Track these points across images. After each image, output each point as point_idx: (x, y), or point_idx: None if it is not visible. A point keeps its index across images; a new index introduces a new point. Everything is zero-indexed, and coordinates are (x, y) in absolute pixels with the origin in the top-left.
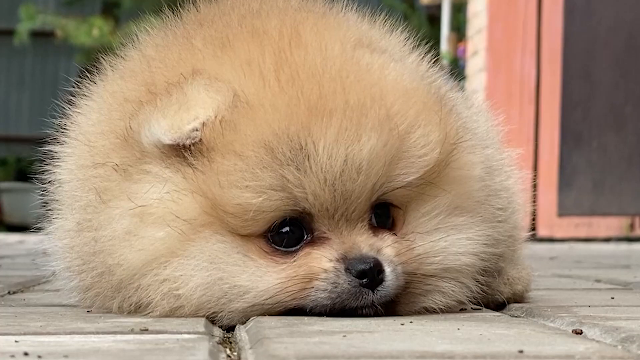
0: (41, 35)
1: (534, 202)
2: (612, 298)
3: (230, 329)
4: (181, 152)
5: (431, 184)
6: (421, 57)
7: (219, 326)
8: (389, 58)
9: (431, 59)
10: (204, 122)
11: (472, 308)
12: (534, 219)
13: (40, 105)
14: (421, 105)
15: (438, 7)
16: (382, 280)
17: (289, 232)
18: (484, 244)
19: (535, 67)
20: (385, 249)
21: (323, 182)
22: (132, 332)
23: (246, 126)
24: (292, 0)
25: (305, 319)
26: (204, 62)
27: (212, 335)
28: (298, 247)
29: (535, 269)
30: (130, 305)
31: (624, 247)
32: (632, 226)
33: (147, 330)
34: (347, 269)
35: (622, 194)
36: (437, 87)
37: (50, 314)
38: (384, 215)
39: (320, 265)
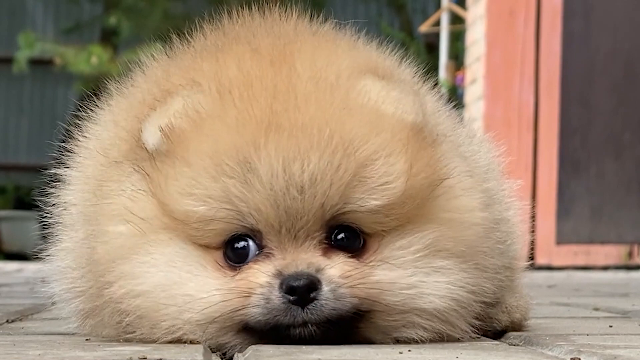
0: (40, 63)
1: (533, 230)
2: (611, 326)
3: (229, 357)
4: (148, 155)
5: (411, 218)
6: (431, 88)
7: (217, 354)
8: (388, 87)
9: (437, 91)
10: (162, 129)
11: (470, 336)
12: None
13: (39, 133)
14: (389, 134)
15: (436, 35)
16: (313, 299)
17: (241, 248)
18: (470, 292)
19: (533, 94)
20: (330, 269)
21: (266, 198)
22: None
23: (194, 136)
24: (310, 26)
25: (304, 347)
26: (196, 73)
27: None
28: (247, 262)
29: (534, 297)
30: (115, 324)
31: (622, 275)
32: (630, 254)
33: (145, 358)
34: (281, 285)
35: (621, 221)
36: (435, 123)
37: (48, 342)
38: (350, 238)
39: (257, 280)
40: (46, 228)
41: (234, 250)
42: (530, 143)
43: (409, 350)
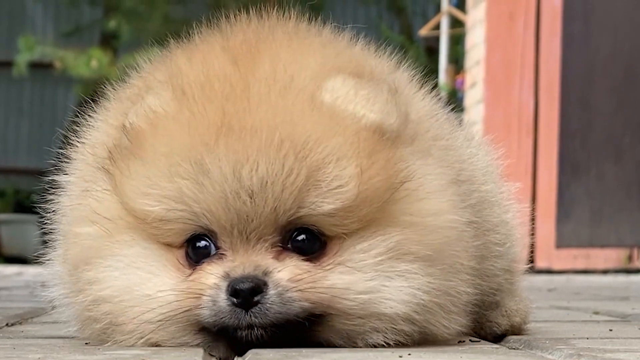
0: (40, 67)
1: (532, 233)
2: (611, 330)
3: None
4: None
5: (374, 221)
6: (428, 92)
7: (216, 358)
8: (357, 87)
9: (436, 95)
10: (124, 128)
11: (470, 340)
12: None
13: (38, 137)
14: (342, 138)
15: (436, 39)
16: (257, 303)
17: (201, 247)
18: (438, 296)
19: (533, 97)
20: (278, 272)
21: (217, 200)
22: None
23: (149, 136)
24: (300, 27)
25: (304, 350)
26: (170, 72)
27: None
28: (204, 262)
29: (534, 301)
30: (90, 330)
31: (622, 278)
32: (630, 258)
33: None
34: (227, 287)
35: (620, 225)
36: (425, 127)
37: (48, 346)
38: (309, 240)
39: (206, 281)
40: (46, 233)
41: (194, 249)
42: (530, 146)
43: (409, 354)
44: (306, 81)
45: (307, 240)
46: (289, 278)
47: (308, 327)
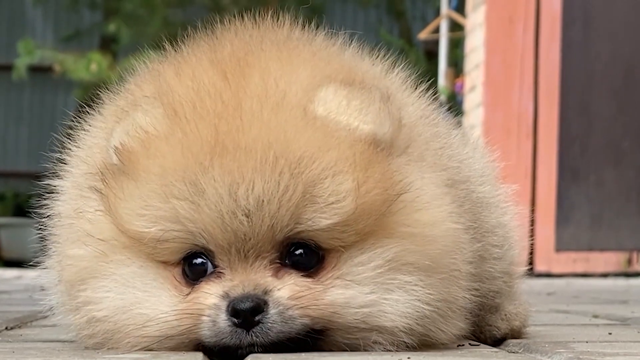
0: (39, 70)
1: (532, 237)
2: (610, 334)
3: None
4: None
5: (372, 233)
6: (422, 94)
7: None
8: (350, 97)
9: (431, 96)
10: (115, 148)
11: (469, 344)
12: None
13: (38, 140)
14: (336, 152)
15: (436, 43)
16: (258, 322)
17: (198, 265)
18: (437, 307)
19: (532, 102)
20: (279, 290)
21: (213, 220)
22: None
23: (142, 157)
24: (294, 34)
25: (303, 355)
26: (158, 87)
27: None
28: (202, 280)
29: (533, 305)
30: (86, 338)
31: (621, 282)
32: (629, 261)
33: None
34: (227, 307)
35: (620, 229)
36: (417, 132)
37: (47, 349)
38: (307, 254)
39: (205, 301)
40: (43, 240)
41: (191, 266)
42: (529, 150)
43: (409, 358)
44: (298, 95)
45: (304, 254)
46: (289, 296)
47: (309, 343)
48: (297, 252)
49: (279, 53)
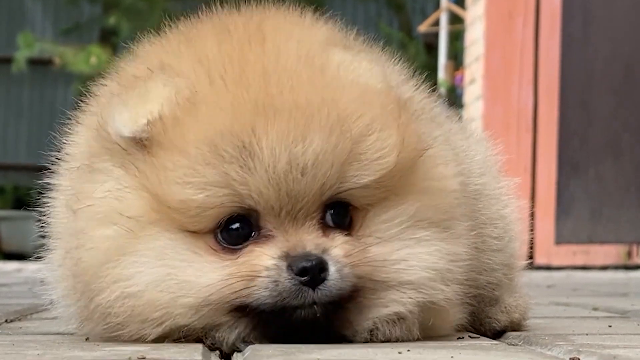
0: (39, 63)
1: (531, 230)
2: (610, 326)
3: (227, 357)
4: (132, 148)
5: (394, 189)
6: (417, 85)
7: (216, 354)
8: (358, 58)
9: (428, 88)
10: (151, 117)
11: (469, 336)
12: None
13: (38, 133)
14: (379, 109)
15: (435, 36)
16: (324, 279)
17: (237, 229)
18: (450, 260)
19: (532, 95)
20: (334, 249)
21: (267, 181)
22: None
23: (190, 123)
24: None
25: (303, 347)
26: (170, 56)
27: None
28: (245, 244)
29: (533, 297)
30: (104, 325)
31: (621, 275)
32: (629, 254)
33: (144, 358)
34: (289, 267)
35: (620, 222)
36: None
37: (47, 342)
38: (340, 214)
39: (262, 263)
40: (43, 236)
41: (229, 231)
42: (529, 144)
43: (408, 350)
44: (329, 57)
45: (340, 214)
46: (343, 254)
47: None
48: (335, 212)
49: (289, 20)
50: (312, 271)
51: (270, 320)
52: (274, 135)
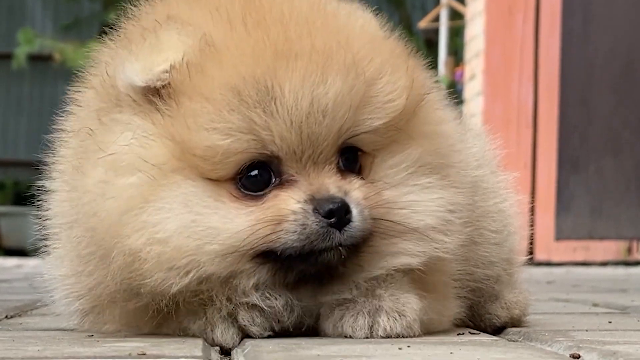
0: (39, 59)
1: (532, 226)
2: (610, 322)
3: (227, 352)
4: (151, 97)
5: (399, 134)
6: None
7: (216, 350)
8: (358, 7)
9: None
10: (172, 65)
11: (469, 332)
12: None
13: (38, 129)
14: (388, 53)
15: (435, 31)
16: (349, 221)
17: (257, 176)
18: (450, 210)
19: (532, 92)
20: (353, 191)
21: (289, 124)
22: (129, 356)
23: (213, 69)
24: None
25: (303, 342)
26: (177, 9)
27: None
28: (267, 190)
29: (533, 293)
30: (127, 275)
31: (621, 271)
32: (629, 250)
33: (144, 354)
34: (315, 210)
35: (620, 218)
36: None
37: (47, 338)
38: (351, 159)
39: (288, 207)
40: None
41: (250, 178)
42: (529, 140)
43: (408, 346)
44: (340, 6)
45: (351, 160)
46: (362, 197)
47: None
48: (347, 157)
49: None
50: (338, 213)
51: (293, 266)
52: (296, 78)
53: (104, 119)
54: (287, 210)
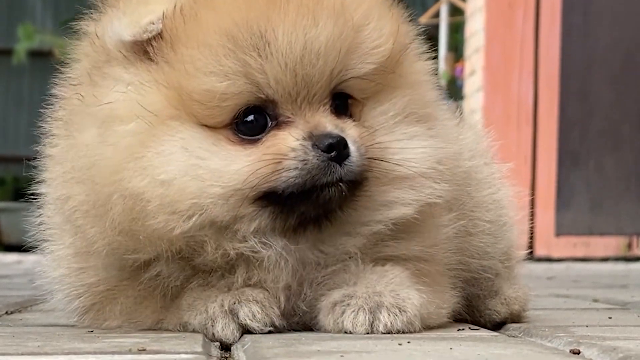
0: (39, 55)
1: (531, 221)
2: (610, 318)
3: (227, 348)
4: (143, 50)
5: (385, 82)
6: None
7: (216, 346)
8: None
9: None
10: (165, 14)
11: (469, 328)
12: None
13: (38, 125)
14: (373, 2)
15: (436, 27)
16: (348, 155)
17: (253, 121)
18: (439, 160)
19: (532, 87)
20: (349, 129)
21: (284, 66)
22: (129, 352)
23: (207, 16)
24: None
25: (303, 338)
26: None
27: (210, 355)
28: (263, 134)
29: (533, 289)
30: (124, 217)
31: (621, 266)
32: (629, 246)
33: (144, 350)
34: (314, 145)
35: (620, 213)
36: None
37: (47, 334)
38: (342, 105)
39: (288, 144)
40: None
41: (246, 123)
42: (529, 135)
43: (408, 342)
44: None
45: (342, 105)
46: (358, 135)
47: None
48: (338, 102)
49: None
50: (337, 147)
51: (294, 208)
52: (288, 22)
53: (96, 77)
54: (287, 148)
